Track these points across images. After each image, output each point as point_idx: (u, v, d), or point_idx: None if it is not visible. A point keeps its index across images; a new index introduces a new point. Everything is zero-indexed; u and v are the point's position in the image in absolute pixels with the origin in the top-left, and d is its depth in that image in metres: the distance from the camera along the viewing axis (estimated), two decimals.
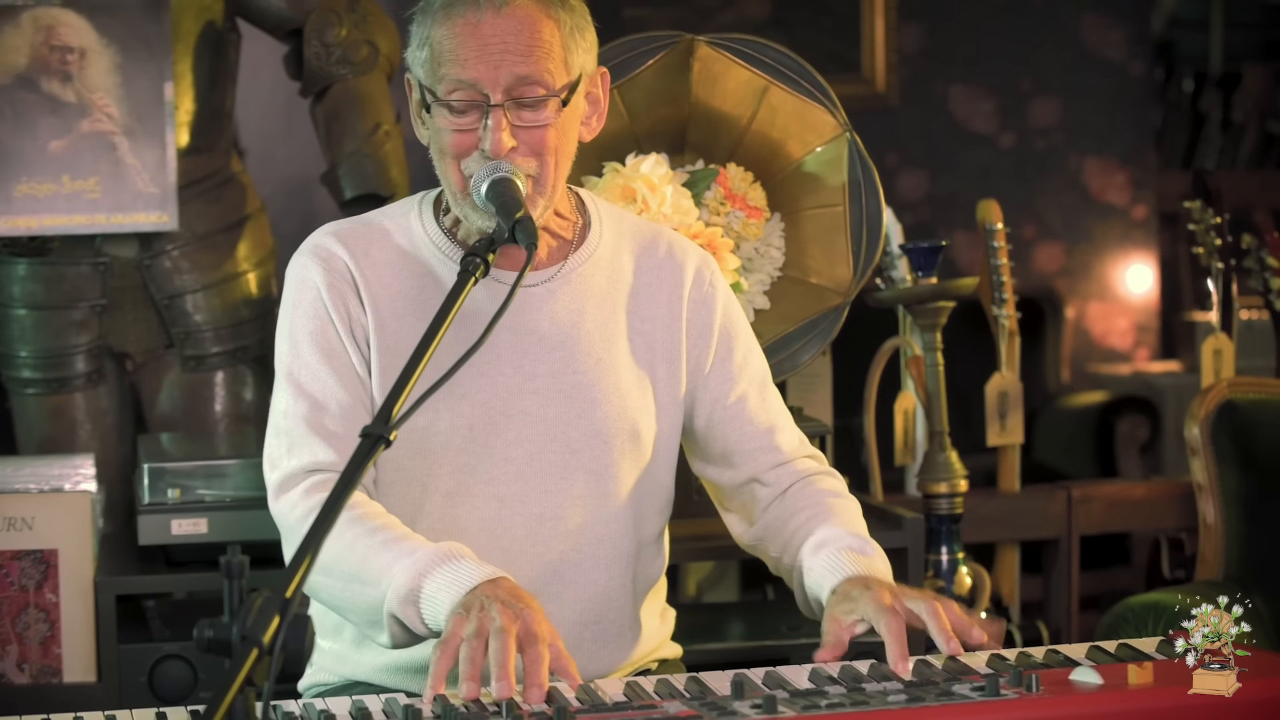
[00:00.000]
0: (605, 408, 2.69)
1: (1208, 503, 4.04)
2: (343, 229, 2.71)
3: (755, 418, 2.81)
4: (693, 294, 2.78)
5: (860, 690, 2.27)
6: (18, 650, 3.42)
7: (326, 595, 2.56)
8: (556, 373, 2.68)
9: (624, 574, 2.73)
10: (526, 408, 2.66)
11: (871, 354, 4.24)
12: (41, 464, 3.53)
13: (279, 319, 2.70)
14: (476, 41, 2.53)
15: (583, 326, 2.70)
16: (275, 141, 6.79)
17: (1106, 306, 7.80)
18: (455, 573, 2.42)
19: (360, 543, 2.50)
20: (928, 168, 7.59)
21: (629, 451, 2.71)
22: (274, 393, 2.68)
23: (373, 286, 2.66)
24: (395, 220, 2.73)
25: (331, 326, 2.64)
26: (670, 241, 2.82)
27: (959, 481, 3.98)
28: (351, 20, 4.16)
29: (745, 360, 2.82)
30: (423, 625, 2.44)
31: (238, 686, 1.87)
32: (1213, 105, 8.69)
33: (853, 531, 2.68)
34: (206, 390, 4.16)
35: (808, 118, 3.46)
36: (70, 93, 3.89)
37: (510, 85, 2.54)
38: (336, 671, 2.73)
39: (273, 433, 2.66)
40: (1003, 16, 7.59)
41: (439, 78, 2.56)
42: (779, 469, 2.82)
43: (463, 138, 2.57)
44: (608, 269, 2.75)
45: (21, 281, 4.08)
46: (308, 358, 2.64)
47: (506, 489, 2.66)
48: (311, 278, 2.66)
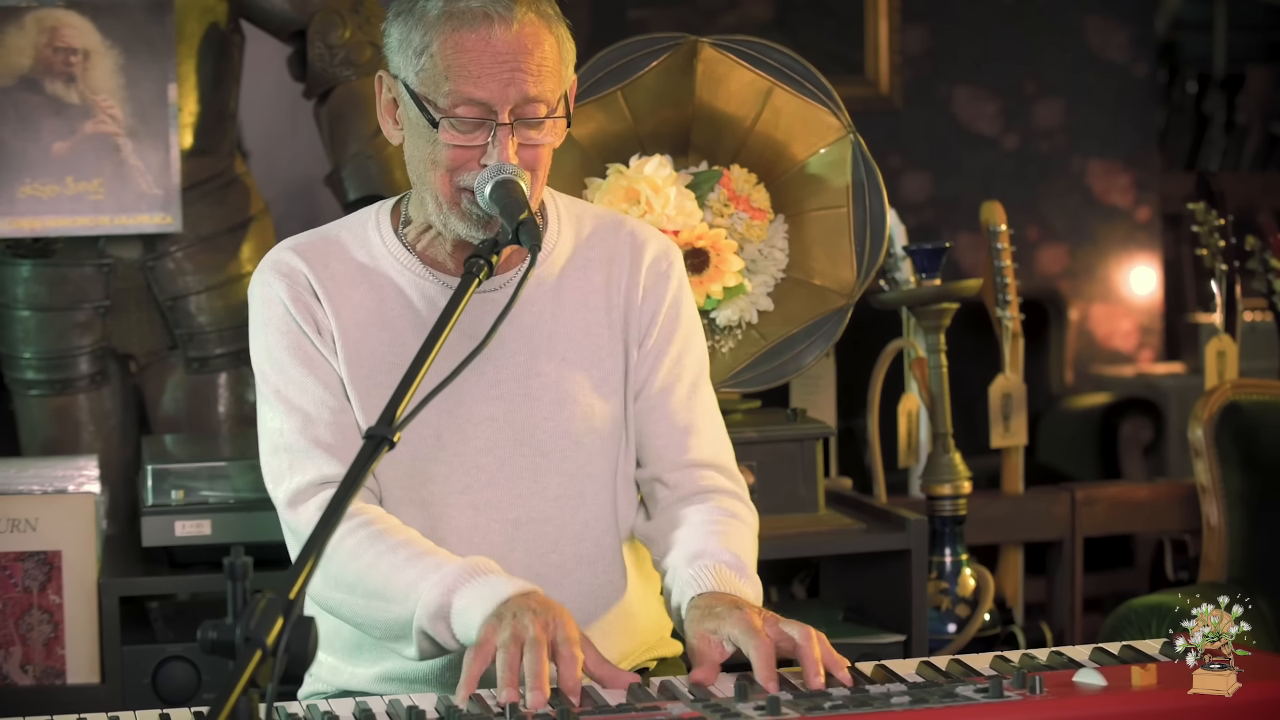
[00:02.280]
0: (572, 407, 2.68)
1: (1211, 504, 4.04)
2: (301, 243, 2.71)
3: (674, 414, 2.75)
4: (647, 279, 2.75)
5: (864, 692, 2.27)
6: (21, 652, 3.42)
7: (347, 612, 2.56)
8: (520, 376, 2.67)
9: (610, 570, 2.72)
10: (493, 413, 2.66)
11: (875, 356, 4.24)
12: (45, 465, 3.53)
13: (251, 337, 2.69)
14: (488, 59, 2.52)
15: (543, 328, 2.69)
16: (279, 143, 6.79)
17: (1110, 308, 7.80)
18: (485, 587, 2.42)
19: (383, 560, 2.50)
20: (931, 169, 7.59)
21: (601, 448, 2.70)
22: (261, 409, 2.67)
23: (334, 298, 2.65)
24: (353, 232, 2.72)
25: (305, 337, 2.64)
26: (632, 229, 2.80)
27: (963, 483, 3.97)
28: (355, 22, 4.16)
29: (682, 354, 2.77)
30: (453, 640, 2.44)
31: (241, 688, 1.87)
32: (1216, 107, 8.69)
33: (732, 551, 2.62)
34: (210, 392, 4.16)
35: (811, 119, 3.46)
36: (74, 94, 3.89)
37: (517, 104, 2.53)
38: (331, 683, 2.73)
39: (270, 451, 2.65)
40: (1006, 18, 7.59)
41: (444, 92, 2.54)
42: (684, 471, 2.75)
43: (464, 153, 2.56)
44: (566, 266, 2.73)
45: (25, 283, 4.09)
46: (291, 371, 2.63)
47: (480, 496, 2.65)
48: (276, 293, 2.66)
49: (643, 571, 2.79)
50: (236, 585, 1.94)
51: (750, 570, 2.61)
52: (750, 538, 2.72)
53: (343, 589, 2.53)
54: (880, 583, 3.63)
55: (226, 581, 1.95)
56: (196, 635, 1.95)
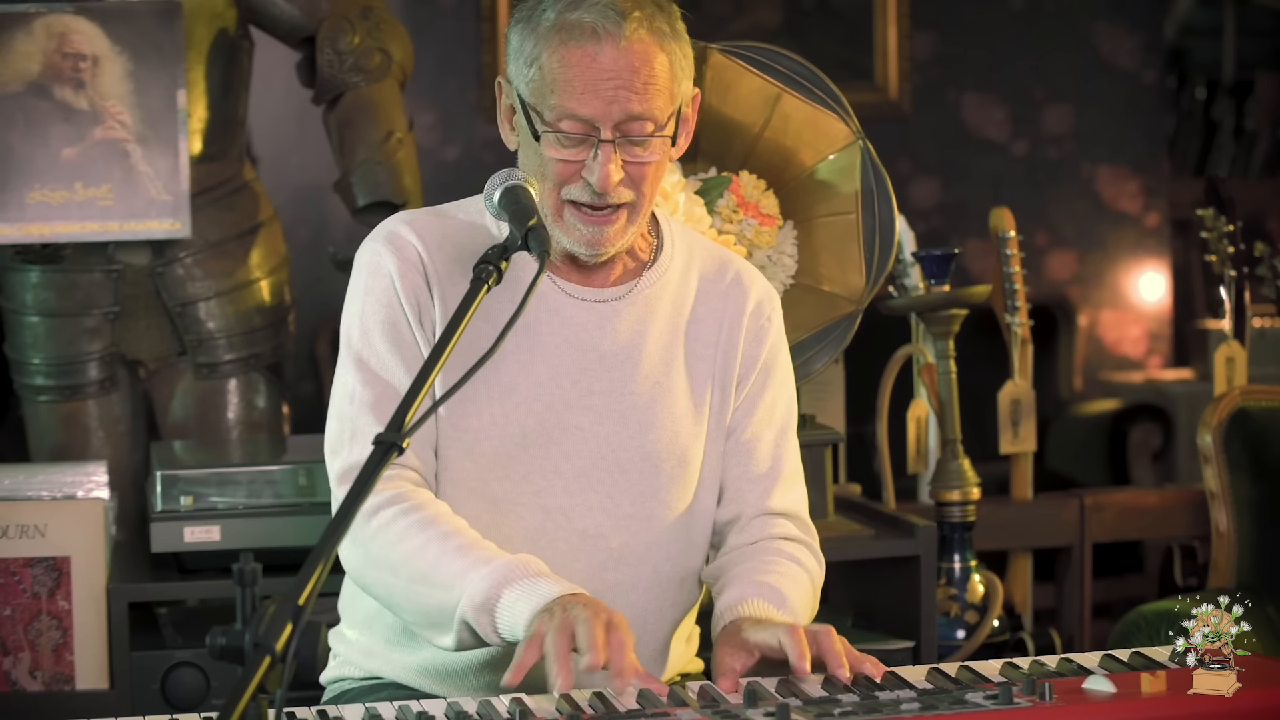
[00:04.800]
0: (658, 431, 2.68)
1: (1220, 510, 4.04)
2: (417, 219, 2.69)
3: (761, 461, 2.76)
4: (750, 324, 2.76)
5: (873, 698, 2.27)
6: (30, 657, 3.42)
7: (382, 591, 2.56)
8: (613, 391, 2.66)
9: (661, 599, 2.72)
10: (580, 423, 2.65)
11: (884, 362, 4.24)
12: (54, 471, 3.53)
13: (347, 301, 2.67)
14: (593, 75, 2.51)
15: (644, 348, 2.69)
16: (288, 149, 6.79)
17: (1119, 314, 7.80)
18: (534, 585, 2.42)
19: (433, 546, 2.49)
20: (940, 175, 7.59)
21: (678, 477, 2.70)
22: (339, 374, 2.65)
23: (443, 280, 2.63)
24: (471, 219, 2.71)
25: (404, 316, 2.62)
26: (739, 270, 2.80)
27: (971, 489, 3.97)
28: (364, 28, 4.16)
29: (774, 402, 2.78)
30: (495, 634, 2.44)
31: (250, 694, 1.87)
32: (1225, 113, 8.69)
33: (782, 591, 2.62)
34: (219, 398, 4.16)
35: (820, 125, 3.46)
36: (83, 100, 3.89)
37: (621, 121, 2.52)
38: (363, 667, 2.73)
39: (336, 417, 2.63)
40: (1015, 24, 7.60)
41: (549, 105, 2.53)
42: (761, 519, 2.76)
43: (568, 167, 2.56)
44: (675, 292, 2.73)
45: (34, 289, 4.09)
46: (378, 345, 2.62)
47: (553, 502, 2.64)
48: (385, 265, 2.64)
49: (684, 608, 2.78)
50: (245, 591, 1.94)
51: (795, 609, 2.61)
52: (808, 584, 2.72)
53: (385, 569, 2.53)
54: (889, 589, 3.62)
55: (235, 587, 1.95)
56: (205, 641, 1.95)
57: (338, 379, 2.66)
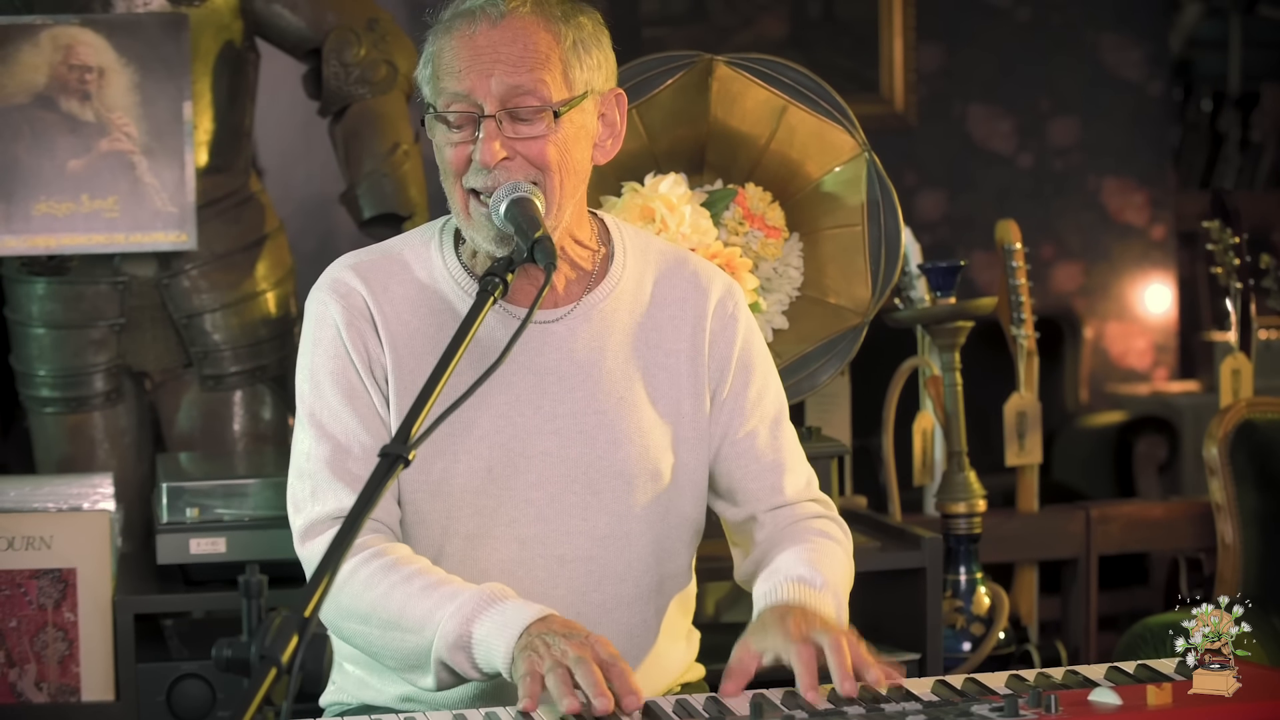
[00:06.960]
0: (628, 448, 2.65)
1: (1226, 523, 4.04)
2: (361, 262, 2.67)
3: (763, 456, 2.75)
4: (714, 324, 2.73)
5: (879, 711, 2.27)
6: (36, 669, 3.42)
7: (362, 642, 2.55)
8: (577, 413, 2.64)
9: (645, 610, 2.71)
10: (547, 449, 2.63)
11: (890, 374, 4.24)
12: (60, 483, 3.54)
13: (299, 354, 2.67)
14: (470, 53, 2.52)
15: (604, 365, 2.66)
16: (294, 161, 6.79)
17: (1125, 326, 7.80)
18: (503, 614, 2.41)
19: (397, 590, 2.49)
20: (946, 187, 7.59)
21: (652, 490, 2.68)
22: (296, 431, 2.66)
23: (391, 324, 2.62)
24: (415, 250, 2.69)
25: (352, 366, 2.61)
26: (695, 268, 2.78)
27: (977, 501, 3.97)
28: (370, 40, 4.17)
29: (760, 395, 2.77)
30: (474, 670, 2.43)
31: (256, 706, 1.87)
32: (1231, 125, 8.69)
33: (808, 561, 2.61)
34: (225, 409, 4.16)
35: (826, 137, 3.46)
36: (89, 112, 3.90)
37: (503, 95, 2.51)
38: (356, 696, 2.72)
39: (296, 474, 2.64)
40: (1021, 37, 7.60)
41: (438, 91, 2.55)
42: (778, 511, 2.76)
43: (460, 151, 2.55)
44: (630, 302, 2.71)
45: (40, 300, 4.09)
46: (329, 398, 2.61)
47: (527, 531, 2.63)
48: (330, 315, 2.63)
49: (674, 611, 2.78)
50: (251, 603, 1.94)
51: (827, 580, 2.58)
52: (839, 554, 2.71)
53: (356, 619, 2.53)
54: (895, 601, 3.62)
55: (241, 599, 1.95)
56: (211, 653, 1.95)
57: (295, 436, 2.66)
